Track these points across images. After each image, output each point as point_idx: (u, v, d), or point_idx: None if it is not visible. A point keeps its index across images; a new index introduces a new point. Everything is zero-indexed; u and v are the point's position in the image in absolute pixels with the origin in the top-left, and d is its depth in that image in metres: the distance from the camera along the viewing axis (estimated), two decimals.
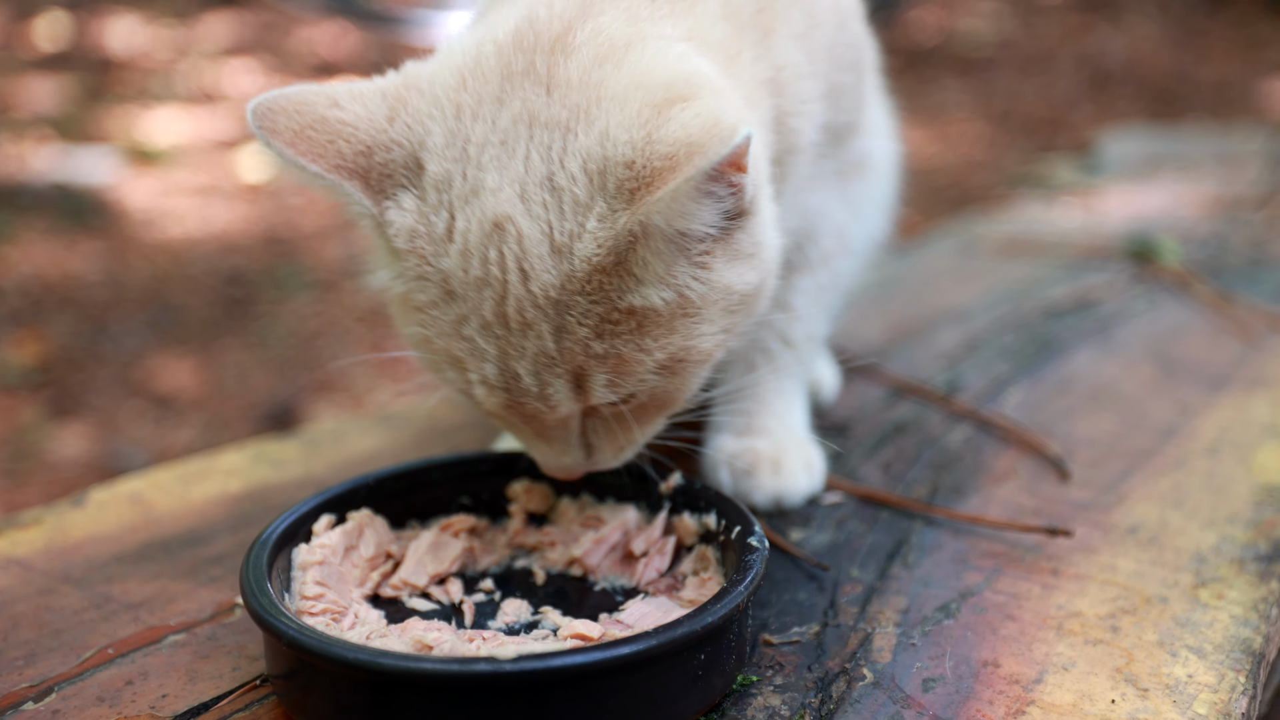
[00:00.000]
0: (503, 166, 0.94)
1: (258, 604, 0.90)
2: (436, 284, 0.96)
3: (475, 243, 0.94)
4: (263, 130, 0.95)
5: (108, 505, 1.29)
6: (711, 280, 0.96)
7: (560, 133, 0.94)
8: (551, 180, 0.93)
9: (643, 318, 0.95)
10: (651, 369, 0.97)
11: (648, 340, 0.96)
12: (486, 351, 0.96)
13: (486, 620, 1.02)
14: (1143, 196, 2.95)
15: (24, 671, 0.98)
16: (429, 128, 0.97)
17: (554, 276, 0.93)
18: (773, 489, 1.25)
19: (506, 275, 0.93)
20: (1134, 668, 0.97)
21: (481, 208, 0.94)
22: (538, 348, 0.94)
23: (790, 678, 0.97)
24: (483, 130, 0.96)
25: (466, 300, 0.95)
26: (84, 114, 6.51)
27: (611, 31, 0.98)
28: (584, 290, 0.93)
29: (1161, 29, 8.18)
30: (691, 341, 0.98)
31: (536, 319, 0.93)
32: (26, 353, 4.09)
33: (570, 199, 0.93)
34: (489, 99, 0.97)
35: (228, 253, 5.00)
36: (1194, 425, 1.49)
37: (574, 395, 0.97)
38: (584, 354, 0.95)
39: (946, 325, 1.93)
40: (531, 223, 0.93)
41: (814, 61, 1.14)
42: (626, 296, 0.94)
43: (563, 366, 0.95)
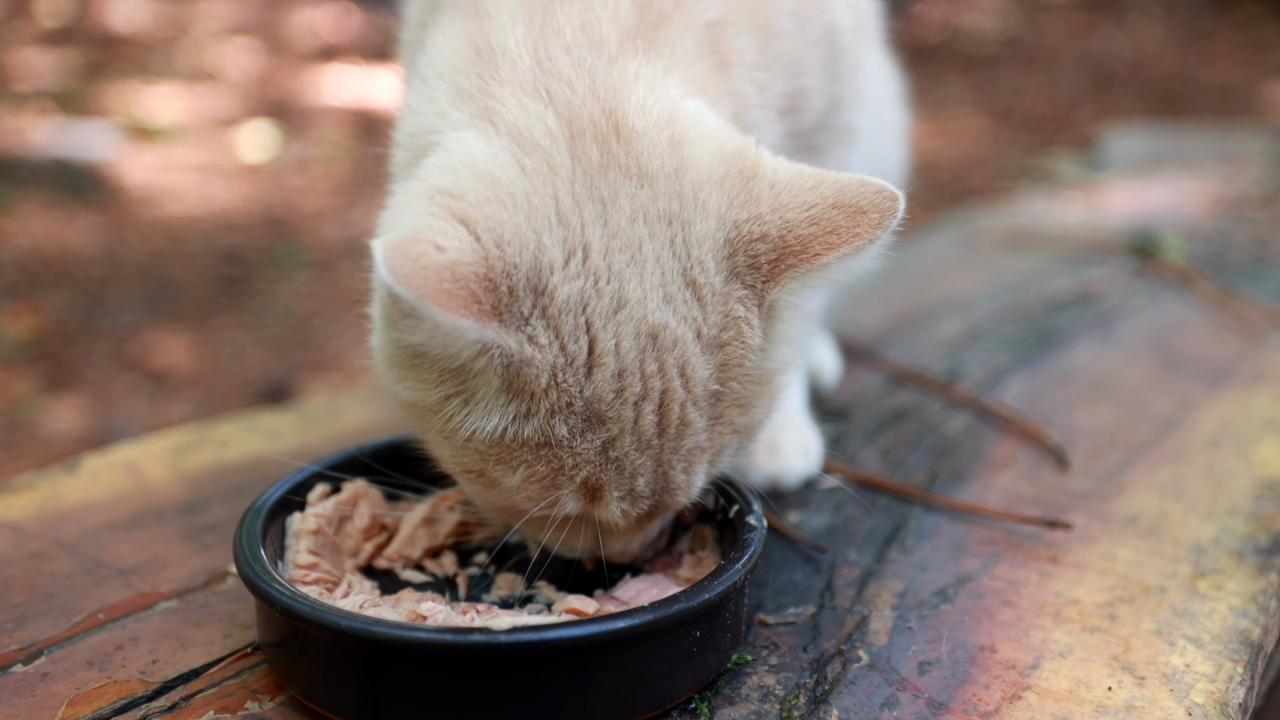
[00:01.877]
0: (640, 274, 0.88)
1: (251, 571, 0.89)
2: (579, 415, 0.86)
3: (630, 360, 0.87)
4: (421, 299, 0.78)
5: (101, 472, 1.28)
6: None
7: (679, 224, 0.89)
8: (687, 275, 0.89)
9: (768, 381, 0.94)
10: (761, 419, 0.97)
11: (765, 395, 0.95)
12: (640, 466, 0.89)
13: (480, 593, 1.02)
14: (1146, 193, 2.94)
15: (14, 634, 0.97)
16: (541, 243, 0.86)
17: (709, 371, 0.89)
18: (769, 470, 1.25)
19: (669, 383, 0.88)
20: (1131, 656, 0.97)
21: (632, 321, 0.87)
22: (693, 444, 0.91)
23: (785, 658, 0.96)
24: (600, 236, 0.88)
25: (620, 420, 0.87)
26: (84, 89, 6.48)
27: (654, 107, 0.94)
28: (737, 376, 0.91)
29: (1166, 30, 8.17)
30: (757, 417, 0.96)
31: (695, 417, 0.90)
32: (22, 326, 4.07)
33: (709, 290, 0.89)
34: (586, 199, 0.89)
35: (226, 231, 4.98)
36: (1194, 418, 1.48)
37: (709, 478, 0.95)
38: (730, 432, 0.93)
39: (947, 315, 1.92)
40: (685, 327, 0.88)
41: (764, 90, 1.09)
42: (765, 365, 0.93)
43: (710, 453, 0.93)
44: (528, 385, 0.85)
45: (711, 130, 0.95)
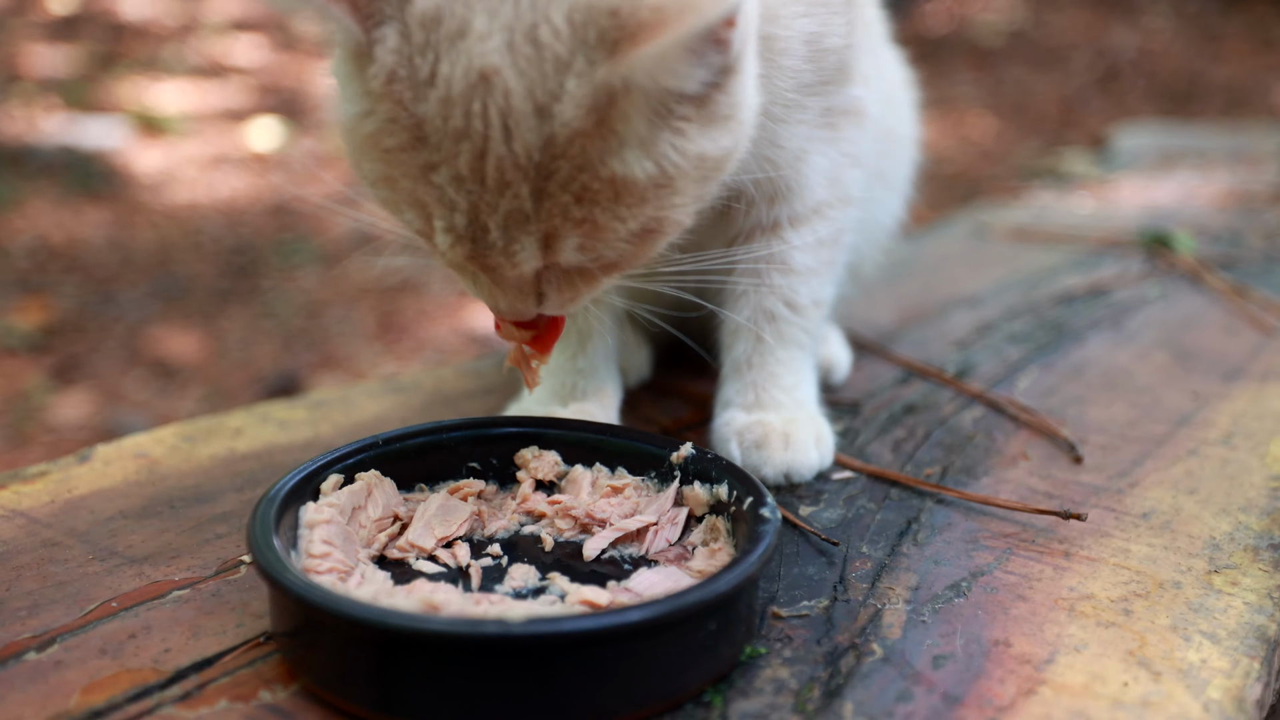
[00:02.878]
0: (492, 12, 0.88)
1: (264, 559, 0.89)
2: (408, 128, 0.90)
3: (459, 92, 0.88)
4: None
5: (113, 461, 1.28)
6: (687, 149, 0.93)
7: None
8: (536, 32, 0.87)
9: (621, 187, 0.91)
10: (623, 237, 0.95)
11: (622, 209, 0.93)
12: (456, 202, 0.91)
13: (493, 584, 1.01)
14: (1157, 189, 2.93)
15: (27, 622, 0.97)
16: None
17: (537, 138, 0.88)
18: (783, 462, 1.24)
19: (489, 131, 0.88)
20: (1146, 651, 0.97)
21: (469, 55, 0.88)
22: (513, 206, 0.90)
23: (799, 651, 0.96)
24: None
25: (441, 149, 0.89)
26: (94, 81, 6.49)
27: None
28: (566, 154, 0.89)
29: (1175, 28, 8.15)
30: (664, 212, 0.95)
31: (516, 179, 0.89)
32: (31, 318, 4.08)
33: (552, 55, 0.87)
34: None
35: (234, 223, 4.99)
36: (1208, 414, 1.47)
37: (541, 254, 0.94)
38: (560, 217, 0.91)
39: (958, 310, 1.91)
40: (518, 78, 0.87)
41: None
42: (608, 162, 0.90)
43: (536, 226, 0.92)
44: (369, 82, 0.90)
45: None
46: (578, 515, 1.10)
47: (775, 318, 1.29)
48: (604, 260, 0.97)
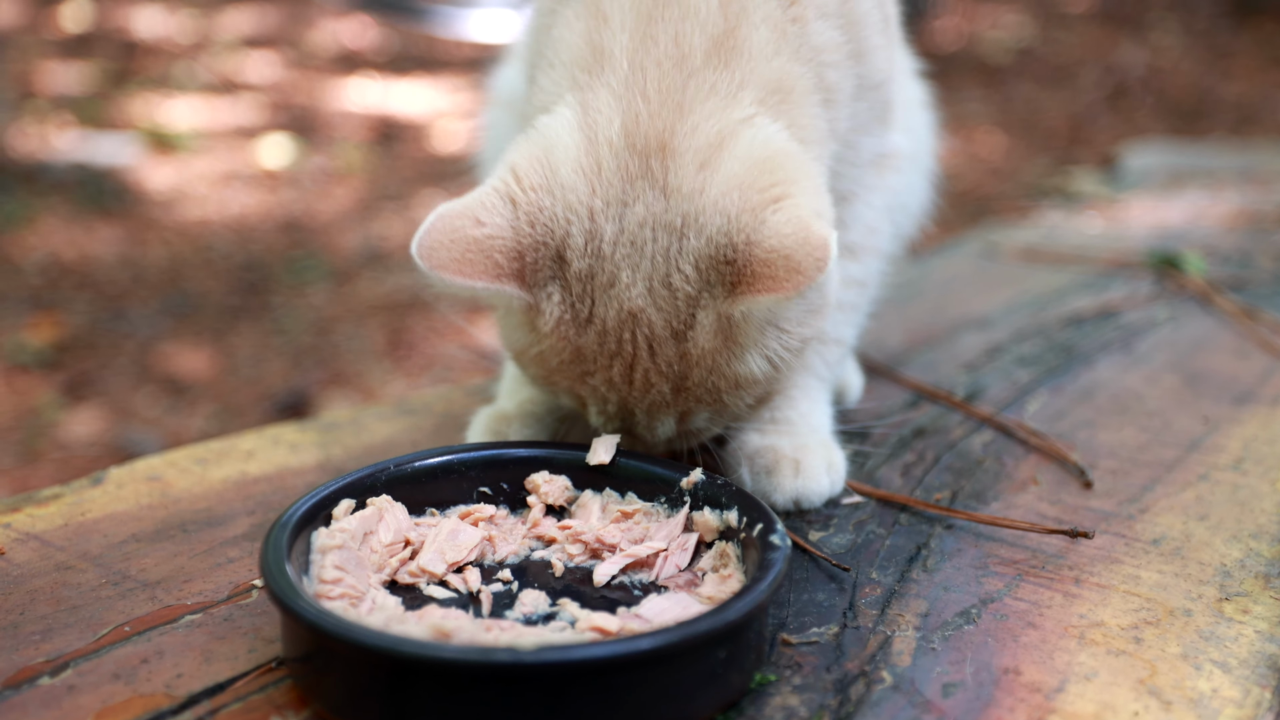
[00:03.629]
0: (634, 266, 1.09)
1: (277, 586, 0.90)
2: (570, 352, 1.12)
3: (612, 326, 1.10)
4: (434, 269, 1.07)
5: (126, 484, 1.29)
6: (791, 343, 1.12)
7: (676, 237, 1.09)
8: (669, 279, 1.09)
9: (742, 381, 1.12)
10: (744, 409, 1.17)
11: (744, 392, 1.14)
12: (609, 398, 1.14)
13: (504, 610, 1.02)
14: (1166, 209, 2.93)
15: (40, 646, 0.97)
16: (569, 230, 1.10)
17: (675, 354, 1.10)
18: (793, 490, 1.25)
19: (637, 351, 1.10)
20: (1157, 680, 0.96)
21: (618, 299, 1.10)
22: (656, 399, 1.13)
23: (809, 678, 0.96)
24: (613, 231, 1.10)
25: (596, 364, 1.12)
26: (106, 99, 6.53)
27: (705, 129, 1.11)
28: (699, 364, 1.10)
29: (1185, 45, 8.15)
30: (775, 385, 1.18)
31: (659, 381, 1.12)
32: (43, 335, 4.10)
33: (684, 294, 1.09)
34: (615, 202, 1.10)
35: (245, 240, 5.01)
36: (1218, 439, 1.47)
37: (677, 426, 1.16)
38: (695, 403, 1.13)
39: (967, 332, 1.92)
40: (657, 314, 1.09)
41: (846, 33, 1.23)
42: (732, 366, 1.11)
43: (674, 410, 1.14)
44: (540, 327, 1.12)
45: (747, 159, 1.10)
46: (588, 540, 1.10)
47: None
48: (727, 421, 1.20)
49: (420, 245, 1.06)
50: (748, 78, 1.14)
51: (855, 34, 1.24)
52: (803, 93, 1.18)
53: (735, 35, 1.14)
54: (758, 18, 1.16)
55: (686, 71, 1.13)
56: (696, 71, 1.13)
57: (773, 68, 1.16)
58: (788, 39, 1.17)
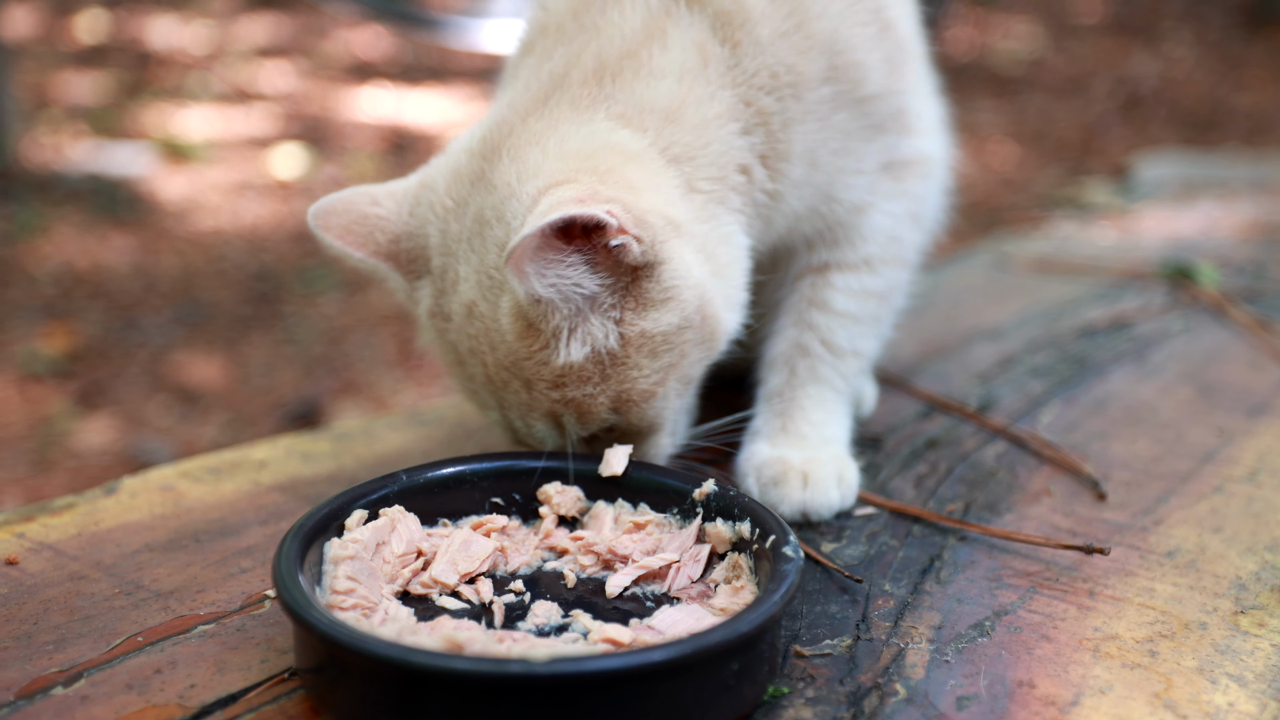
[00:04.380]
0: (468, 260, 1.14)
1: (290, 597, 0.90)
2: (451, 351, 1.18)
3: (461, 322, 1.15)
4: (318, 228, 1.17)
5: (139, 494, 1.29)
6: (625, 332, 1.10)
7: (492, 224, 1.13)
8: (489, 269, 1.12)
9: (576, 372, 1.10)
10: (605, 410, 1.13)
11: (588, 388, 1.11)
12: (489, 401, 1.17)
13: (516, 621, 1.02)
14: (1179, 220, 2.92)
15: (54, 656, 0.97)
16: (429, 228, 1.19)
17: (504, 347, 1.11)
18: (800, 501, 1.24)
19: (481, 346, 1.13)
20: (1173, 693, 0.96)
21: (460, 294, 1.15)
22: (517, 399, 1.14)
23: (822, 690, 0.96)
24: (457, 229, 1.16)
25: (469, 364, 1.16)
26: (121, 109, 6.56)
27: (532, 129, 1.15)
28: (526, 355, 1.10)
29: (1197, 55, 8.13)
30: (627, 385, 1.12)
31: (509, 378, 1.13)
32: (56, 344, 4.12)
33: (496, 284, 1.12)
34: (460, 202, 1.17)
35: (257, 249, 5.02)
36: (1232, 451, 1.47)
37: (556, 432, 1.15)
38: (549, 402, 1.12)
39: (980, 343, 1.91)
40: (486, 305, 1.12)
41: (796, 58, 1.22)
42: (554, 356, 1.09)
43: (539, 411, 1.13)
44: (421, 321, 1.21)
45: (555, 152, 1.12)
46: (600, 551, 1.10)
47: (809, 353, 1.33)
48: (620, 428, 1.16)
49: (316, 207, 1.17)
50: (618, 95, 1.16)
51: (829, 53, 1.23)
52: (702, 117, 1.17)
53: (634, 57, 1.17)
54: (675, 41, 1.18)
55: (557, 87, 1.18)
56: (568, 88, 1.17)
57: (661, 90, 1.16)
58: (710, 63, 1.18)
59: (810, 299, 1.34)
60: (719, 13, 1.20)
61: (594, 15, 1.21)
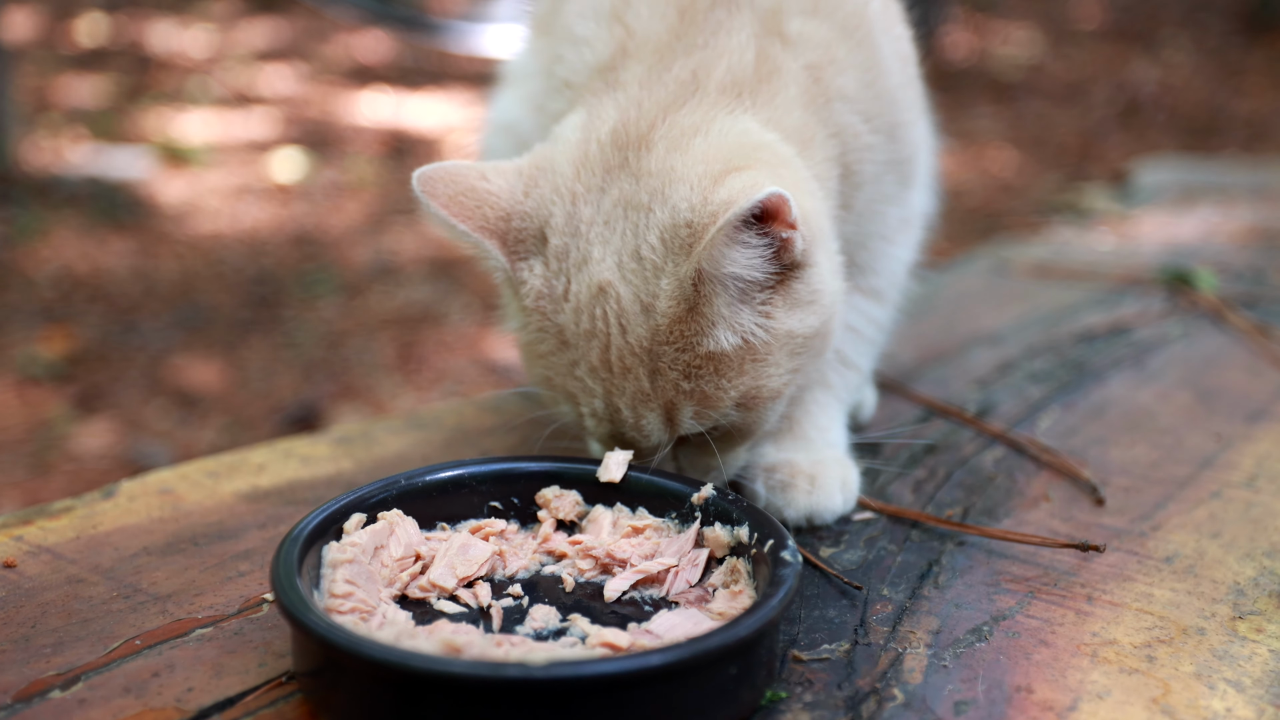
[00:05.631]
0: (605, 242, 1.13)
1: (288, 600, 0.90)
2: (554, 335, 1.15)
3: (585, 302, 1.12)
4: (425, 194, 1.13)
5: (137, 497, 1.29)
6: (773, 327, 1.11)
7: (644, 212, 1.12)
8: (639, 253, 1.11)
9: (718, 361, 1.10)
10: (729, 405, 1.12)
11: (723, 381, 1.11)
12: (594, 390, 1.13)
13: (514, 625, 1.02)
14: (1178, 226, 2.93)
15: (51, 659, 0.97)
16: (552, 210, 1.15)
17: (645, 330, 1.10)
18: (806, 506, 1.25)
19: (609, 329, 1.11)
20: (1171, 699, 0.96)
21: (590, 274, 1.12)
22: (635, 387, 1.11)
23: (820, 695, 0.96)
24: (590, 212, 1.14)
25: (577, 348, 1.13)
26: (120, 113, 6.56)
27: (685, 123, 1.16)
28: (669, 340, 1.09)
29: (1196, 62, 8.15)
30: (761, 381, 1.12)
31: (634, 364, 1.11)
32: (55, 347, 4.12)
33: (651, 264, 1.10)
34: (594, 188, 1.15)
35: (257, 253, 5.02)
36: (1231, 456, 1.47)
37: (665, 427, 1.13)
38: (674, 392, 1.11)
39: (978, 348, 1.91)
40: (626, 287, 1.11)
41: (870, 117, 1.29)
42: (703, 342, 1.09)
43: (656, 402, 1.12)
44: (522, 301, 1.16)
45: (720, 143, 1.14)
46: (598, 556, 1.10)
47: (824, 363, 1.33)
48: (720, 430, 1.16)
49: (423, 174, 1.13)
50: (759, 108, 1.19)
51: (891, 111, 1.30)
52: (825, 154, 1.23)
53: (765, 82, 1.20)
54: (790, 79, 1.22)
55: (692, 93, 1.19)
56: (706, 94, 1.19)
57: (795, 117, 1.21)
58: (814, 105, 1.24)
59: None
60: (810, 64, 1.24)
61: (704, 36, 1.23)
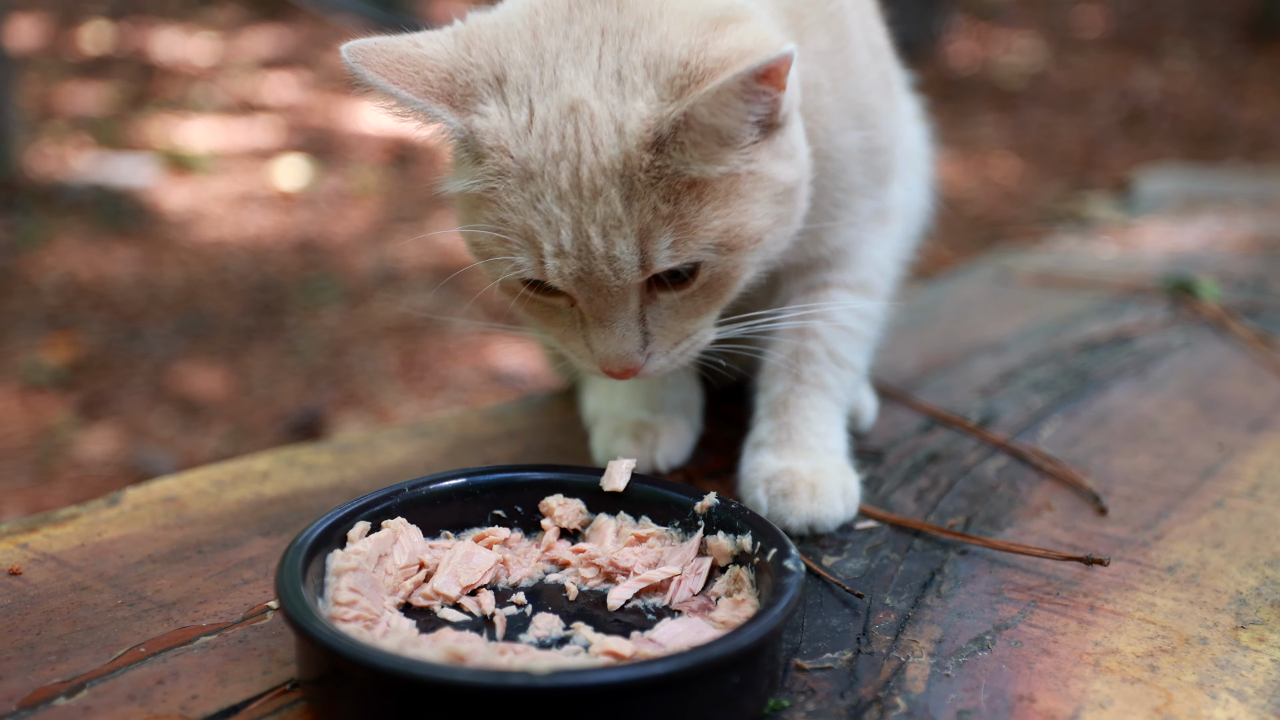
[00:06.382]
0: (578, 64, 1.08)
1: (293, 608, 0.90)
2: (515, 172, 1.07)
3: (554, 123, 1.06)
4: (358, 64, 1.06)
5: (142, 505, 1.29)
6: (757, 168, 1.09)
7: (628, 37, 1.08)
8: (619, 73, 1.07)
9: (701, 188, 1.06)
10: (713, 238, 1.08)
11: (706, 209, 1.07)
12: (562, 219, 1.06)
13: (518, 633, 1.02)
14: (1181, 235, 2.93)
15: (56, 667, 0.98)
16: (509, 48, 1.10)
17: (618, 151, 1.05)
18: (808, 514, 1.25)
19: (580, 148, 1.05)
20: (1173, 709, 0.96)
21: (559, 95, 1.07)
22: (607, 211, 1.05)
23: (822, 704, 0.96)
24: (557, 42, 1.09)
25: (544, 176, 1.06)
26: (124, 120, 6.58)
27: None
28: (640, 164, 1.05)
29: (1199, 70, 8.15)
30: (744, 219, 1.09)
31: (606, 186, 1.05)
32: (59, 354, 4.12)
33: (630, 86, 1.06)
34: (560, 19, 1.10)
35: (260, 261, 5.03)
36: (1233, 466, 1.47)
37: (639, 258, 1.07)
38: (651, 215, 1.06)
39: (981, 357, 1.91)
40: (601, 104, 1.06)
41: (841, 75, 1.26)
42: (684, 171, 1.05)
43: (630, 228, 1.06)
44: (477, 149, 1.08)
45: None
46: (602, 564, 1.10)
47: (814, 359, 1.34)
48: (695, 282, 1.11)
49: (352, 45, 1.08)
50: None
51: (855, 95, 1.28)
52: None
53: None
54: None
55: None
56: None
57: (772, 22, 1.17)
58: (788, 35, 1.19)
59: (813, 310, 1.35)
60: (787, 9, 1.22)
61: None
